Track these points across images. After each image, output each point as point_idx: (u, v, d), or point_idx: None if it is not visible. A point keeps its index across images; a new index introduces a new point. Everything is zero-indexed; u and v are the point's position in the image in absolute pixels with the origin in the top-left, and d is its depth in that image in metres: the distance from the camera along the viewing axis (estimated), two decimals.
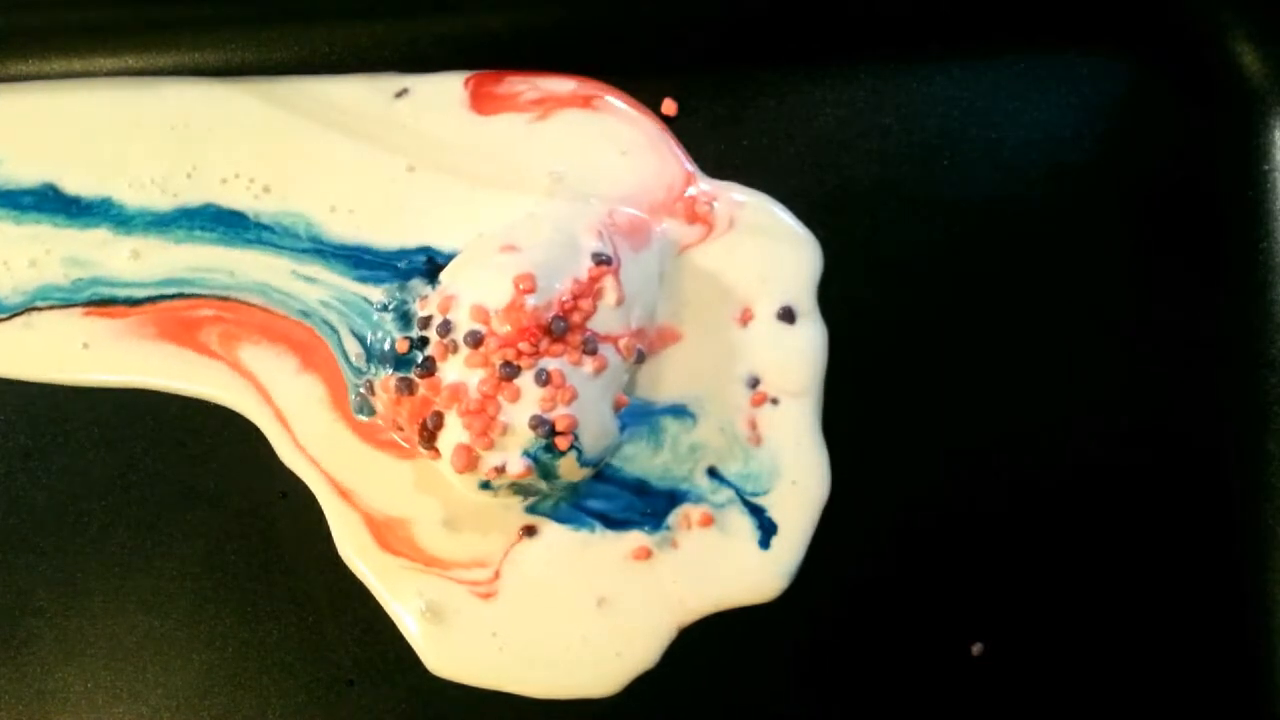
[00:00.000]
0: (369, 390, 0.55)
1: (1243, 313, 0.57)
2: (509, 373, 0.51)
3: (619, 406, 0.54)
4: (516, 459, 0.51)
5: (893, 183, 0.58)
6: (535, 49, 0.59)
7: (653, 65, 0.59)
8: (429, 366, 0.52)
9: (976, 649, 0.54)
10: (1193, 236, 0.58)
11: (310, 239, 0.57)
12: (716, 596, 0.54)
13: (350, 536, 0.54)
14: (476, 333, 0.51)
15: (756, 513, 0.54)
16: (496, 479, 0.51)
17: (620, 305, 0.53)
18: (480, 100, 0.59)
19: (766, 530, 0.54)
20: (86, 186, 0.58)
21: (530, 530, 0.54)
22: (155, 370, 0.56)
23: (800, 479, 0.55)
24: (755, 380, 0.56)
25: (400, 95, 0.59)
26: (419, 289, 0.56)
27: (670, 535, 0.54)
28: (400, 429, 0.54)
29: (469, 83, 0.59)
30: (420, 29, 0.60)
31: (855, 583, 0.54)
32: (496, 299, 0.51)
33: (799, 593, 0.54)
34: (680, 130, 0.58)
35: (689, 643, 0.54)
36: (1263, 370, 0.57)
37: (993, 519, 0.55)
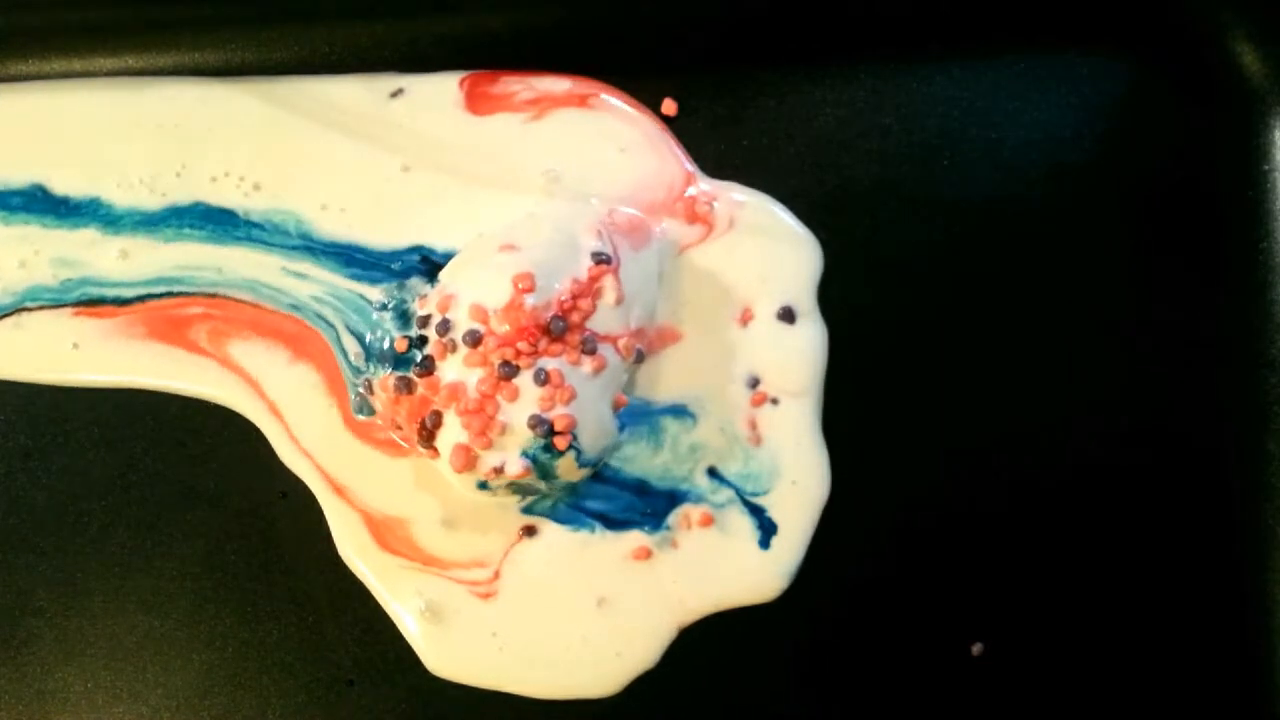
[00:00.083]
0: (367, 389, 0.55)
1: (1243, 313, 0.57)
2: (508, 372, 0.51)
3: (618, 406, 0.54)
4: (515, 459, 0.51)
5: (893, 183, 0.58)
6: (535, 49, 0.59)
7: (653, 65, 0.59)
8: (428, 365, 0.52)
9: (976, 649, 0.54)
10: (1193, 236, 0.58)
11: (300, 236, 0.57)
12: (716, 596, 0.54)
13: (350, 536, 0.54)
14: (475, 332, 0.51)
15: (756, 513, 0.54)
16: (495, 479, 0.51)
17: (620, 305, 0.53)
18: (475, 100, 0.59)
19: (766, 530, 0.54)
20: (75, 187, 0.58)
21: (530, 530, 0.54)
22: (146, 369, 0.56)
23: (800, 479, 0.55)
24: (755, 380, 0.56)
25: (395, 95, 0.59)
26: (418, 288, 0.56)
27: (670, 535, 0.54)
28: (399, 428, 0.54)
29: (464, 83, 0.59)
30: (420, 29, 0.60)
31: (855, 583, 0.54)
32: (496, 298, 0.51)
33: (799, 593, 0.54)
34: (680, 130, 0.58)
35: (689, 643, 0.53)
36: (1263, 370, 0.57)
37: (993, 519, 0.55)
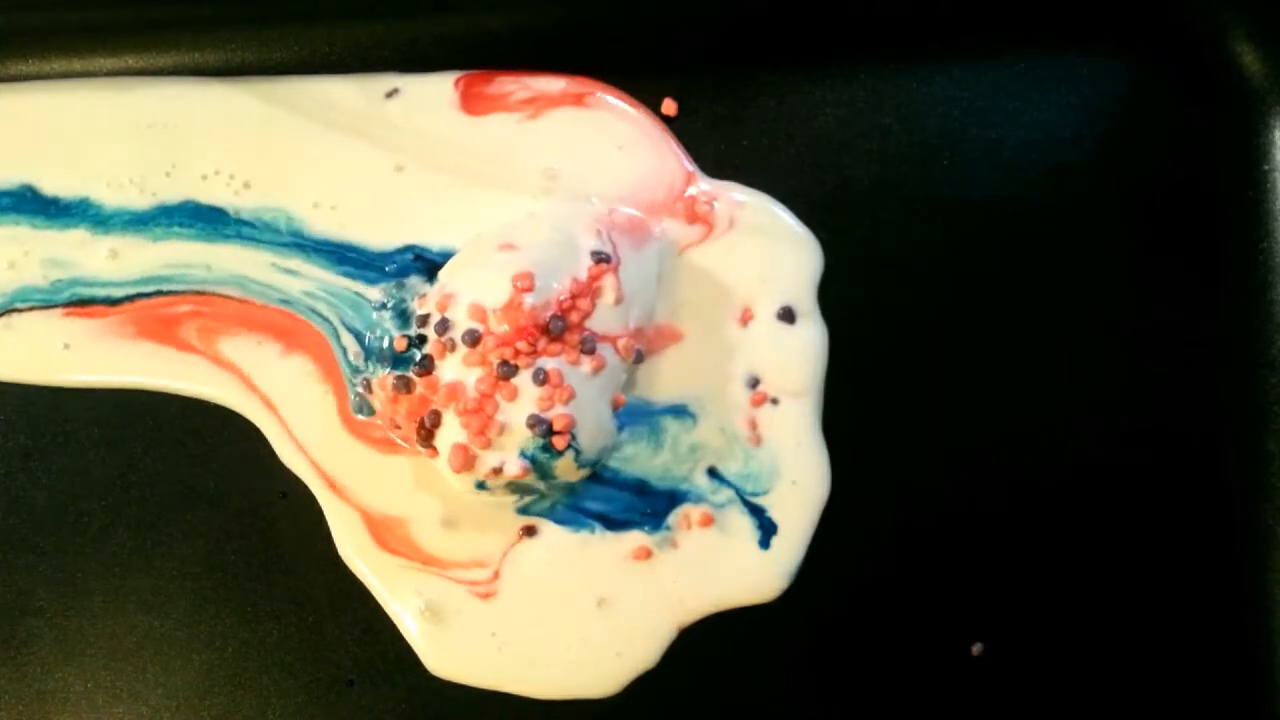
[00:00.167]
0: (366, 388, 0.55)
1: (1243, 313, 0.57)
2: (506, 372, 0.51)
3: (617, 406, 0.54)
4: (514, 460, 0.51)
5: (893, 183, 0.58)
6: (535, 49, 0.59)
7: (653, 65, 0.59)
8: (426, 365, 0.52)
9: (976, 649, 0.54)
10: (1193, 236, 0.58)
11: (291, 234, 0.57)
12: (716, 596, 0.54)
13: (350, 536, 0.54)
14: (474, 331, 0.51)
15: (756, 513, 0.54)
16: (494, 479, 0.51)
17: (619, 304, 0.53)
18: (471, 100, 0.59)
19: (766, 530, 0.54)
20: (65, 187, 0.58)
21: (530, 530, 0.54)
22: (136, 369, 0.56)
23: (800, 479, 0.55)
24: (755, 380, 0.55)
25: (390, 95, 0.59)
26: (417, 287, 0.56)
27: (670, 535, 0.54)
28: (398, 427, 0.54)
29: (459, 83, 0.59)
30: (420, 29, 0.60)
31: (855, 583, 0.54)
32: (495, 298, 0.51)
33: (799, 593, 0.54)
34: (680, 130, 0.58)
35: (689, 643, 0.53)
36: (1263, 370, 0.57)
37: (993, 519, 0.55)
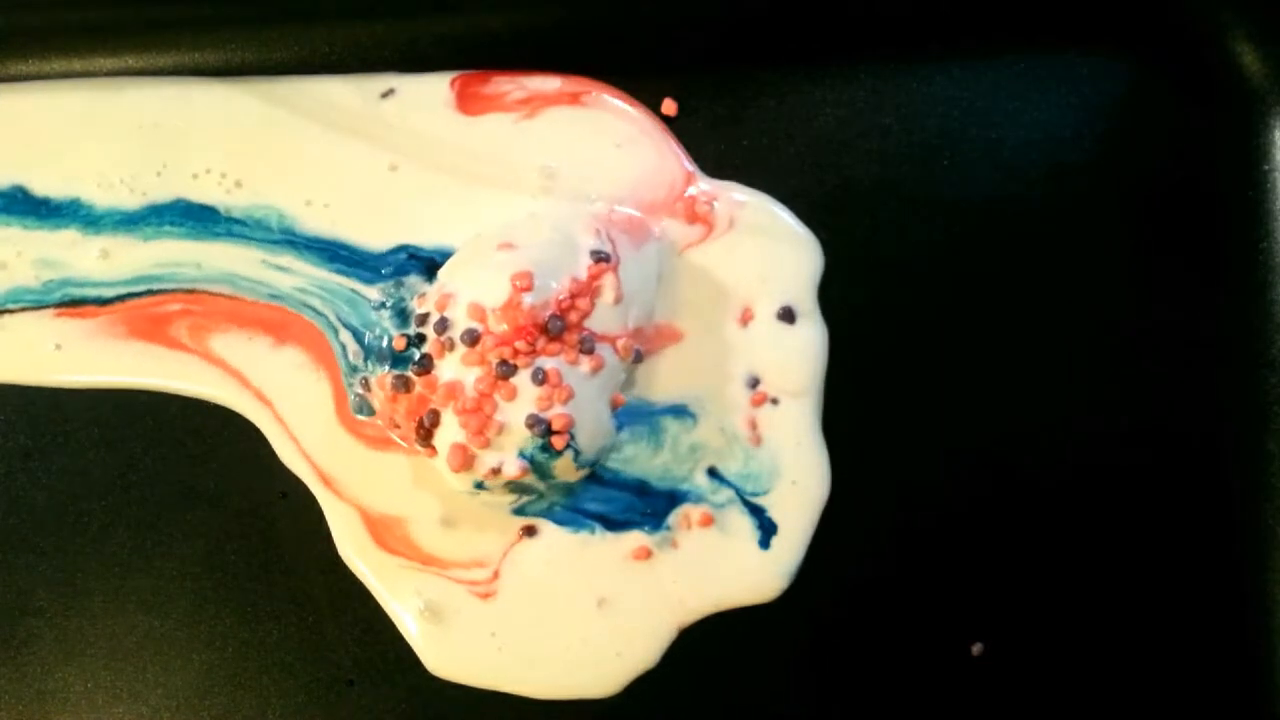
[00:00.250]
0: (364, 387, 0.55)
1: (1243, 313, 0.57)
2: (505, 371, 0.51)
3: (616, 406, 0.54)
4: (513, 460, 0.51)
5: (893, 183, 0.58)
6: (535, 49, 0.59)
7: (653, 65, 0.59)
8: (425, 364, 0.52)
9: (976, 649, 0.54)
10: (1193, 236, 0.58)
11: (282, 231, 0.57)
12: (716, 596, 0.54)
13: (350, 536, 0.54)
14: (473, 331, 0.51)
15: (756, 513, 0.54)
16: (492, 480, 0.51)
17: (618, 304, 0.53)
18: (466, 100, 0.58)
19: (766, 530, 0.54)
20: (55, 188, 0.58)
21: (530, 530, 0.54)
22: (128, 369, 0.56)
23: (800, 479, 0.55)
24: (755, 380, 0.55)
25: (386, 95, 0.59)
26: (416, 286, 0.56)
27: (670, 535, 0.54)
28: (397, 426, 0.54)
29: (455, 83, 0.59)
30: (420, 29, 0.60)
31: (855, 583, 0.54)
32: (494, 297, 0.51)
33: (799, 593, 0.54)
34: (680, 130, 0.58)
35: (689, 643, 0.53)
36: (1263, 370, 0.57)
37: (993, 519, 0.55)
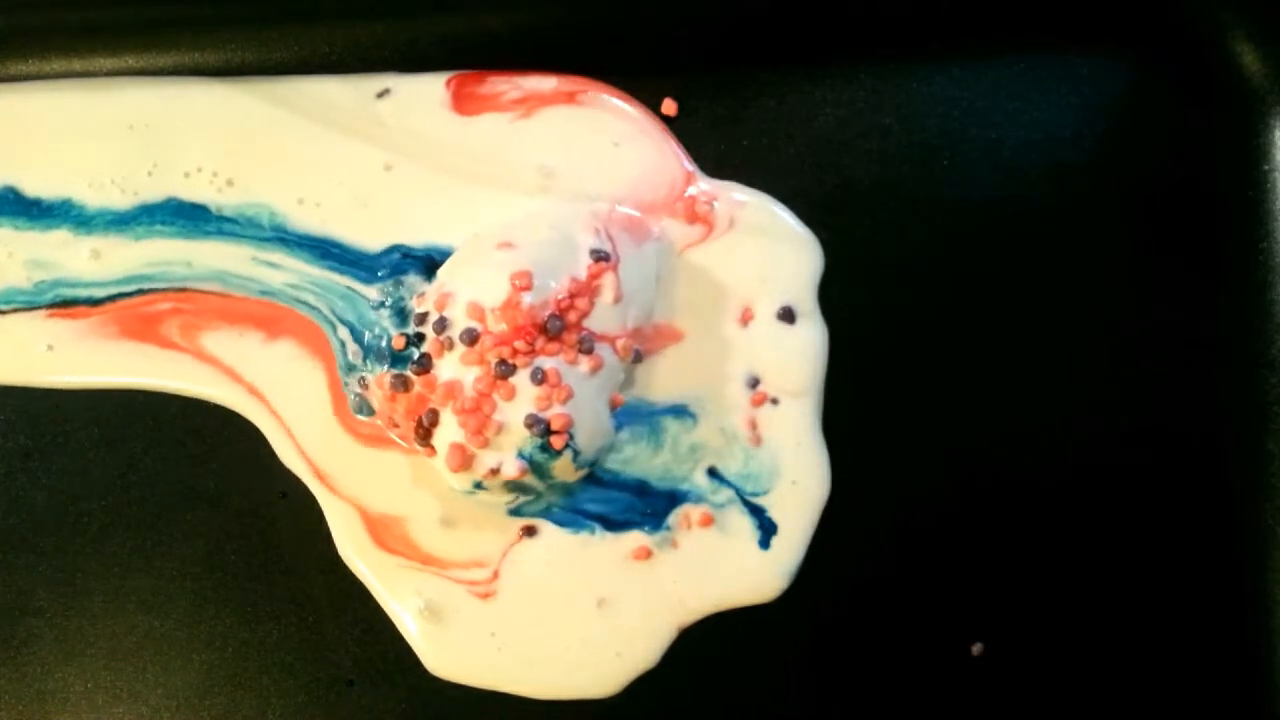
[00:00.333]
0: (363, 385, 0.55)
1: (1243, 313, 0.57)
2: (504, 371, 0.51)
3: (615, 406, 0.54)
4: (511, 460, 0.51)
5: (893, 183, 0.58)
6: (535, 49, 0.59)
7: (653, 65, 0.59)
8: (425, 363, 0.52)
9: (976, 649, 0.54)
10: (1193, 236, 0.58)
11: (274, 229, 0.57)
12: (716, 596, 0.54)
13: (349, 536, 0.54)
14: (472, 330, 0.51)
15: (756, 513, 0.54)
16: (491, 480, 0.51)
17: (618, 303, 0.53)
18: (462, 100, 0.58)
19: (766, 530, 0.54)
20: (47, 188, 0.58)
21: (530, 530, 0.54)
22: (121, 369, 0.56)
23: (800, 479, 0.55)
24: (755, 380, 0.55)
25: (382, 95, 0.59)
26: (415, 285, 0.56)
27: (670, 535, 0.54)
28: (396, 425, 0.54)
29: (451, 83, 0.59)
30: (420, 29, 0.60)
31: (855, 583, 0.54)
32: (493, 296, 0.51)
33: (799, 593, 0.54)
34: (680, 130, 0.58)
35: (689, 643, 0.53)
36: (1263, 370, 0.57)
37: (993, 519, 0.55)
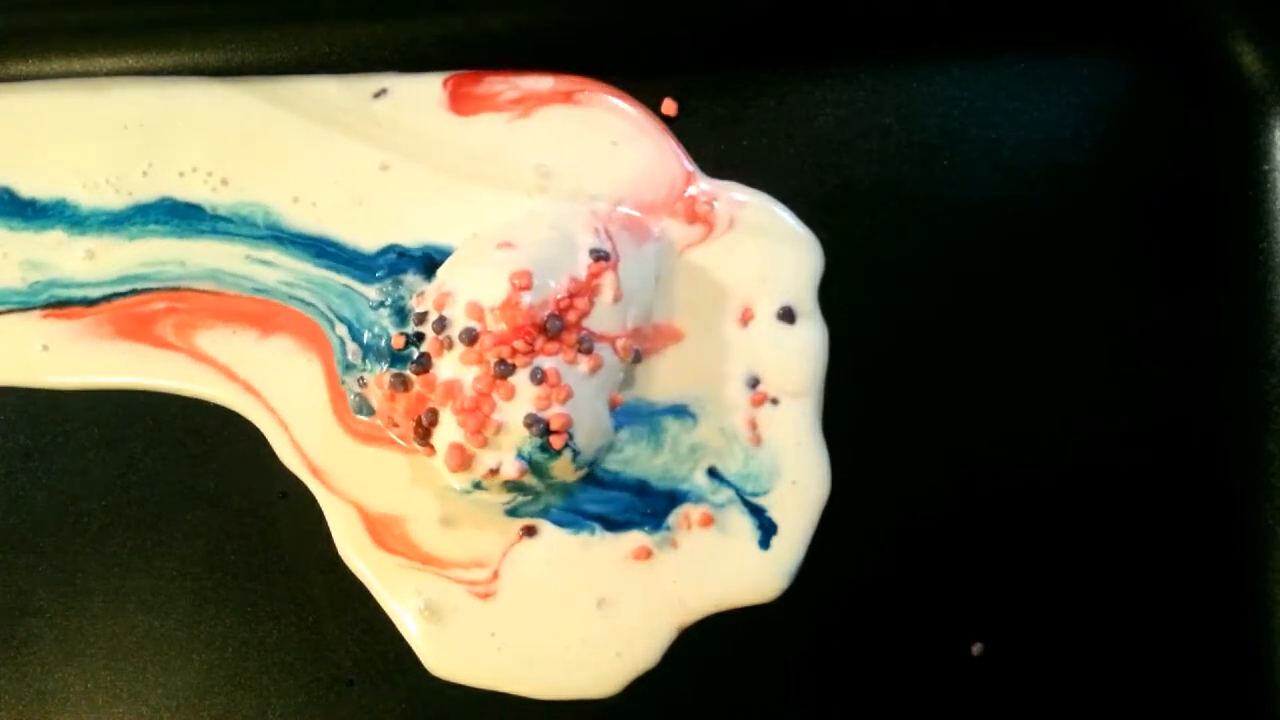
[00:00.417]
0: (362, 385, 0.55)
1: (1243, 313, 0.57)
2: (503, 371, 0.51)
3: (614, 406, 0.54)
4: (511, 461, 0.51)
5: (893, 183, 0.58)
6: (535, 49, 0.59)
7: (653, 65, 0.59)
8: (424, 363, 0.52)
9: (976, 649, 0.54)
10: (1193, 236, 0.58)
11: (268, 227, 0.57)
12: (716, 596, 0.54)
13: (349, 536, 0.54)
14: (472, 330, 0.51)
15: (756, 513, 0.54)
16: (491, 480, 0.51)
17: (617, 303, 0.53)
18: (459, 100, 0.58)
19: (766, 530, 0.54)
20: (41, 189, 0.58)
21: (530, 530, 0.54)
22: (116, 369, 0.56)
23: (800, 479, 0.55)
24: (755, 380, 0.55)
25: (378, 95, 0.59)
26: (415, 285, 0.56)
27: (670, 535, 0.54)
28: (396, 425, 0.54)
29: (448, 83, 0.59)
30: (420, 29, 0.60)
31: (855, 583, 0.54)
32: (492, 296, 0.51)
33: (799, 593, 0.54)
34: (680, 130, 0.58)
35: (689, 643, 0.53)
36: (1263, 370, 0.57)
37: (993, 519, 0.55)
